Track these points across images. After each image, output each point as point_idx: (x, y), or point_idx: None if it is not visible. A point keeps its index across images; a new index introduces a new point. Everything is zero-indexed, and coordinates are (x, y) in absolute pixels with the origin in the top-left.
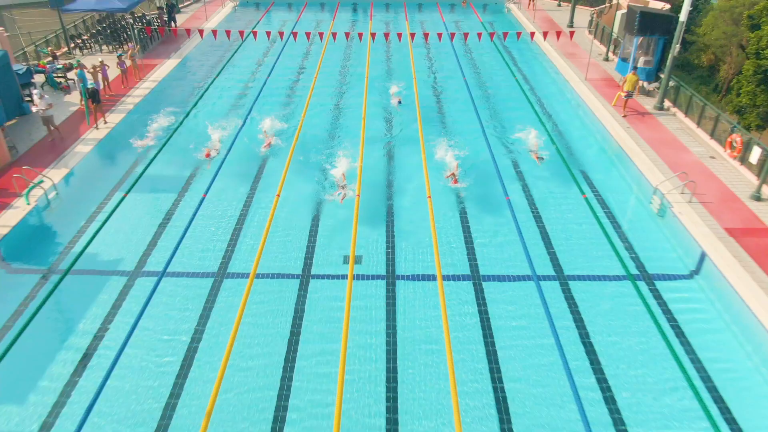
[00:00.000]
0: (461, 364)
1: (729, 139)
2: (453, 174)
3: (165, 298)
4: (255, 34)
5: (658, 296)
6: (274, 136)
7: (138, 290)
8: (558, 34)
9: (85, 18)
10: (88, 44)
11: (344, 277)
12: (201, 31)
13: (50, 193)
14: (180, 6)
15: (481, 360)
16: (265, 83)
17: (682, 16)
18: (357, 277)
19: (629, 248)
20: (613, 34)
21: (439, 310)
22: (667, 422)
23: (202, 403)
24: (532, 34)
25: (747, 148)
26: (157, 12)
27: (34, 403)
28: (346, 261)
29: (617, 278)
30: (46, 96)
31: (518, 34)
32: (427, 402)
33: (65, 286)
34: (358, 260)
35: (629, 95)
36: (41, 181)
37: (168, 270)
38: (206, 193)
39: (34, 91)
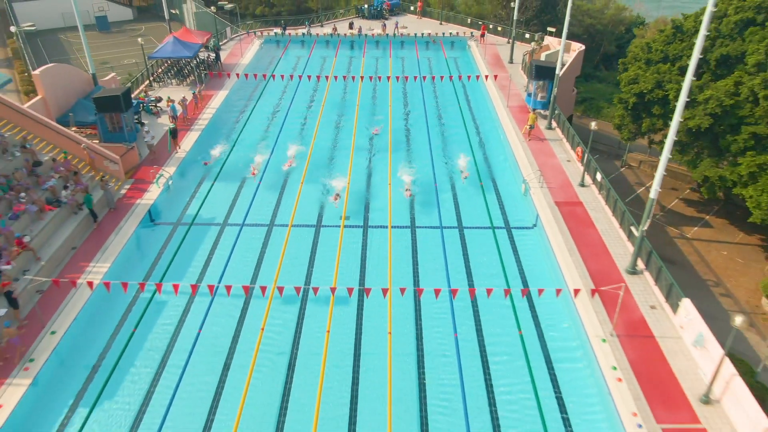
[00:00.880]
0: (397, 263)
1: (577, 150)
2: (408, 189)
3: (244, 237)
4: (282, 77)
5: (512, 239)
6: (293, 157)
7: (228, 234)
8: (488, 77)
9: (157, 60)
10: (161, 78)
11: (338, 226)
12: (246, 76)
13: (169, 181)
14: (220, 43)
15: (407, 264)
16: (287, 115)
17: (558, 71)
18: (347, 227)
19: (503, 213)
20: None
21: (387, 242)
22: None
23: (271, 276)
24: (485, 76)
25: (584, 155)
26: (205, 51)
27: (183, 295)
28: (340, 218)
29: (489, 228)
30: (151, 132)
31: (464, 76)
32: (378, 275)
33: (188, 235)
34: (347, 218)
35: (531, 128)
36: (162, 174)
37: (245, 223)
38: (260, 181)
39: (145, 129)
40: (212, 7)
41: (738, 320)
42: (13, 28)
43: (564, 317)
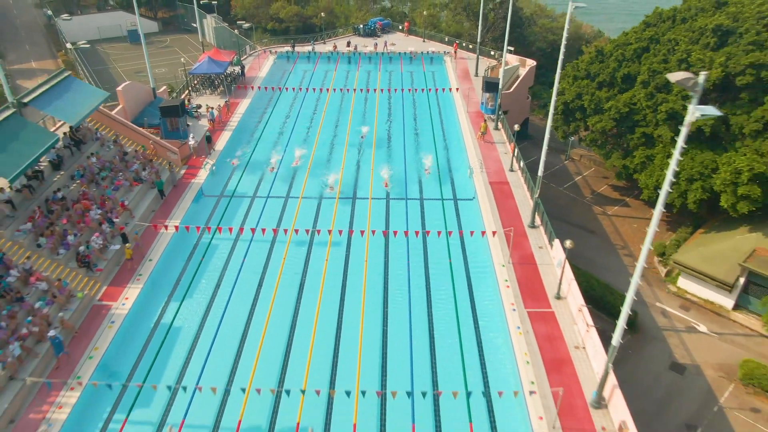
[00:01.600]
0: (374, 219)
1: (511, 145)
2: (386, 182)
3: (269, 204)
4: (294, 89)
5: (457, 206)
6: (299, 157)
7: (257, 202)
8: (451, 89)
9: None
10: (197, 88)
11: (334, 198)
12: (266, 88)
13: (213, 168)
14: (241, 59)
15: (381, 222)
16: (296, 121)
17: (501, 86)
18: (341, 200)
19: (453, 190)
20: None
21: (367, 207)
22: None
23: (290, 224)
24: (450, 89)
25: (515, 149)
26: (230, 66)
27: (224, 247)
28: (335, 192)
29: (440, 199)
30: (195, 137)
31: (434, 88)
32: (361, 225)
33: (229, 203)
34: (342, 193)
35: (483, 134)
36: (207, 163)
37: (269, 196)
38: (277, 171)
39: (190, 136)
40: (236, 30)
41: (567, 243)
42: (69, 45)
43: (480, 252)
